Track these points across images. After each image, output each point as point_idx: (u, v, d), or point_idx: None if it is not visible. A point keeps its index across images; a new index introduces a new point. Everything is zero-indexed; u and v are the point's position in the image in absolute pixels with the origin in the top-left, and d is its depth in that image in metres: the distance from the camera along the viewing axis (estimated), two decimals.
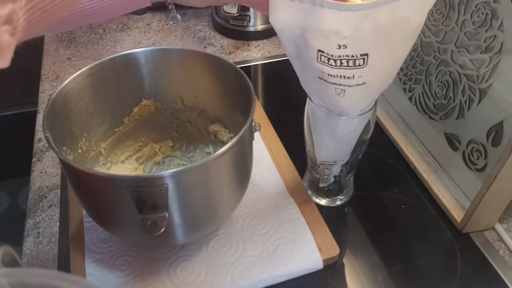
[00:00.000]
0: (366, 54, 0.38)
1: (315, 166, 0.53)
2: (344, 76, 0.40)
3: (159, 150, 0.58)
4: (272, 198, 0.55)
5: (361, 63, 0.39)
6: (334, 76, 0.40)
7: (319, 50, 0.39)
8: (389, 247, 0.52)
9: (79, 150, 0.50)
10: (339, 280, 0.49)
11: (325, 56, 0.39)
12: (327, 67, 0.40)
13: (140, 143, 0.58)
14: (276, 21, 0.40)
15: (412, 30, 0.39)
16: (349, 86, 0.41)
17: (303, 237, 0.50)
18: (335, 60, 0.39)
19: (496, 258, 0.51)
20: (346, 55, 0.39)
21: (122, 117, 0.55)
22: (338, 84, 0.41)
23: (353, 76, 0.40)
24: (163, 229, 0.39)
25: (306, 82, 0.45)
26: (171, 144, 0.59)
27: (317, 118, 0.47)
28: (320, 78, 0.42)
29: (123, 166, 0.56)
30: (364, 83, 0.41)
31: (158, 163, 0.58)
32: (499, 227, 0.54)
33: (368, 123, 0.48)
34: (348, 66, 0.39)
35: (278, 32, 0.41)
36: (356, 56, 0.38)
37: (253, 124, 0.46)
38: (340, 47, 0.38)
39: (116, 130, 0.55)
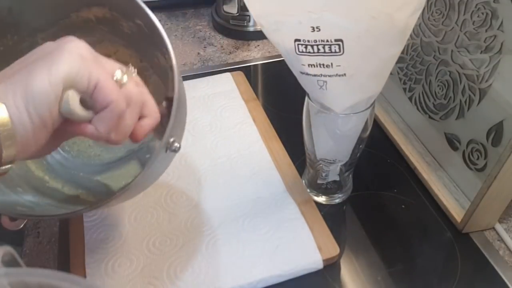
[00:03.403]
0: (341, 40, 0.40)
1: (314, 163, 0.54)
2: (323, 65, 0.41)
3: (114, 53, 0.51)
4: (272, 198, 0.55)
5: (337, 50, 0.40)
6: (314, 66, 0.42)
7: (295, 40, 0.41)
8: (389, 247, 0.52)
9: (1, 48, 0.44)
10: (339, 280, 0.49)
11: (302, 44, 0.41)
12: (306, 57, 0.42)
13: (93, 38, 0.48)
14: (254, 11, 0.42)
15: (398, 30, 0.40)
16: (329, 76, 0.42)
17: (303, 237, 0.50)
18: (312, 46, 0.41)
19: (496, 258, 0.51)
20: (321, 40, 0.40)
21: (68, 12, 0.46)
22: (319, 75, 0.42)
23: (331, 64, 0.41)
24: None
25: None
26: (129, 53, 0.50)
27: (315, 114, 0.48)
28: (301, 72, 0.43)
29: None
30: (345, 74, 0.42)
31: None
32: (499, 227, 0.54)
33: (366, 122, 0.48)
34: (325, 52, 0.41)
35: (259, 24, 0.43)
36: (331, 41, 0.40)
37: (171, 141, 0.40)
38: (313, 29, 0.40)
39: (61, 21, 0.46)
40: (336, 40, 0.40)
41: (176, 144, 0.39)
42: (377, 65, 0.42)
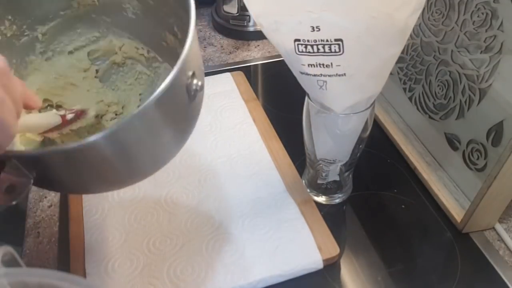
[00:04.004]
0: (341, 40, 0.40)
1: (314, 163, 0.54)
2: (323, 64, 0.42)
3: (120, 49, 0.47)
4: (272, 198, 0.55)
5: (337, 50, 0.40)
6: (314, 66, 0.42)
7: (295, 40, 0.41)
8: (389, 247, 0.52)
9: (0, 37, 0.41)
10: (339, 280, 0.49)
11: (302, 44, 0.41)
12: (306, 57, 0.42)
13: (96, 34, 0.47)
14: (253, 11, 0.42)
15: (398, 29, 0.40)
16: (329, 76, 0.42)
17: (303, 237, 0.50)
18: (312, 46, 0.41)
19: (496, 258, 0.51)
20: (321, 40, 0.40)
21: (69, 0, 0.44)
22: (318, 75, 0.43)
23: (331, 64, 0.41)
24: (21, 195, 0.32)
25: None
26: (135, 45, 0.47)
27: (315, 114, 0.48)
28: (301, 72, 0.43)
29: (70, 59, 0.46)
30: (345, 74, 0.42)
31: (117, 64, 0.48)
32: (499, 227, 0.54)
33: (366, 122, 0.48)
34: (324, 52, 0.41)
35: (258, 24, 0.43)
36: (331, 41, 0.40)
37: (191, 75, 0.33)
38: (313, 29, 0.40)
39: (63, 13, 0.44)
40: (336, 40, 0.40)
41: (197, 82, 0.33)
42: (377, 65, 0.42)
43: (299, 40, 0.41)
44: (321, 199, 0.57)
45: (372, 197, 0.58)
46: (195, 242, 0.50)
